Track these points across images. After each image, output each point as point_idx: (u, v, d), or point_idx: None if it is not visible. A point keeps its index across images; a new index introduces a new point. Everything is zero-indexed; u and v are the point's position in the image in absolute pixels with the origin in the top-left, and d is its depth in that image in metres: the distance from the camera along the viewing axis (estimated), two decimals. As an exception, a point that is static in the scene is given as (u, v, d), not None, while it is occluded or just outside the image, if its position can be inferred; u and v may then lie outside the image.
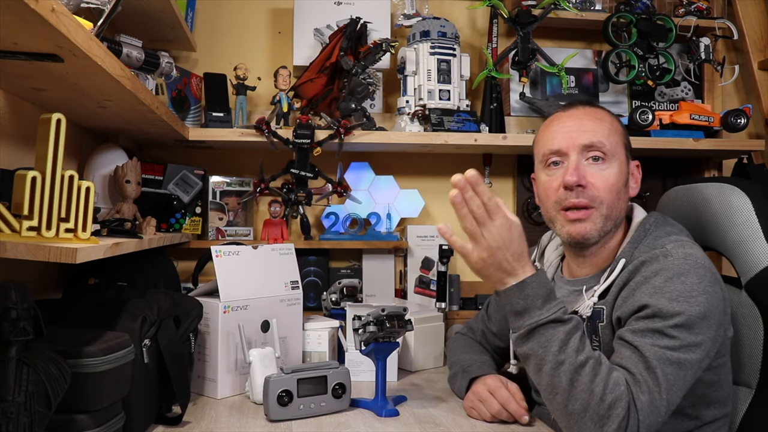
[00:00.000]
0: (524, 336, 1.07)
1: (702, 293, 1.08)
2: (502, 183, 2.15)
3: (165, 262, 1.63)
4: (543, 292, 1.07)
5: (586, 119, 1.26)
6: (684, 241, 1.17)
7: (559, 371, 1.03)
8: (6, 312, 0.81)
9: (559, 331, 1.05)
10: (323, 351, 1.60)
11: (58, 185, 0.92)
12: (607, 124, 1.25)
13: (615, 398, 1.01)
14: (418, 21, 1.95)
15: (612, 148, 1.23)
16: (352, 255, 2.05)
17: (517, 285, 1.07)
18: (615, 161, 1.23)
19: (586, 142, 1.22)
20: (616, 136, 1.25)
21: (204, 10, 2.03)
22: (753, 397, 1.29)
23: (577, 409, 1.02)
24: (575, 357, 1.03)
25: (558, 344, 1.04)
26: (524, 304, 1.07)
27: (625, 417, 1.00)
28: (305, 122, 1.78)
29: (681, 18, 2.06)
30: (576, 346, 1.04)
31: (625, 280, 1.16)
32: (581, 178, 1.20)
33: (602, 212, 1.21)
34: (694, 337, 1.06)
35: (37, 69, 0.99)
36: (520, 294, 1.07)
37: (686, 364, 1.05)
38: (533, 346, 1.06)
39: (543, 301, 1.07)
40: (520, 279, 1.07)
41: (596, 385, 1.01)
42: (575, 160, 1.22)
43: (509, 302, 1.09)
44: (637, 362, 1.05)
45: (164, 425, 1.22)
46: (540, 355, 1.05)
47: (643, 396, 1.02)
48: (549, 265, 1.37)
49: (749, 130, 2.14)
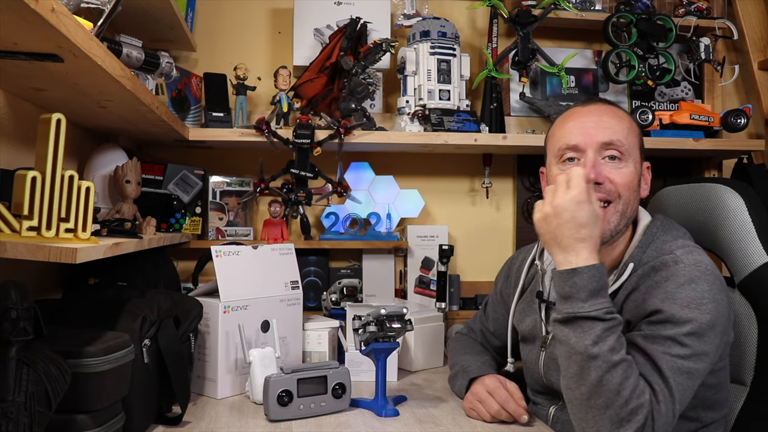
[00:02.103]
0: (562, 321, 1.07)
1: (711, 301, 1.09)
2: (502, 183, 2.15)
3: (165, 262, 1.63)
4: (592, 287, 1.05)
5: (606, 116, 1.24)
6: (691, 247, 1.18)
7: (590, 364, 1.02)
8: (6, 312, 0.81)
9: (597, 327, 1.03)
10: (323, 351, 1.60)
11: (58, 185, 0.92)
12: (626, 123, 1.25)
13: (638, 405, 1.01)
14: (418, 21, 1.95)
15: (629, 148, 1.22)
16: (352, 255, 2.05)
17: (569, 271, 1.07)
18: (631, 161, 1.23)
19: (605, 139, 1.21)
20: (633, 136, 1.25)
21: (204, 10, 2.03)
22: (747, 394, 1.31)
23: (599, 404, 1.02)
24: (610, 355, 1.02)
25: (593, 338, 1.03)
26: (569, 292, 1.06)
27: (643, 425, 1.00)
28: (305, 122, 1.78)
29: (681, 18, 2.05)
30: (612, 345, 1.03)
31: (635, 284, 1.16)
32: (599, 174, 1.20)
33: (618, 208, 1.21)
34: (703, 346, 1.07)
35: (37, 69, 0.99)
36: (568, 280, 1.06)
37: (695, 374, 1.06)
38: (569, 333, 1.05)
39: (588, 295, 1.05)
40: (573, 265, 1.06)
41: (624, 388, 1.01)
42: (592, 157, 1.21)
43: (558, 284, 1.08)
44: (651, 371, 1.06)
45: (164, 425, 1.22)
46: (573, 344, 1.04)
47: (662, 407, 1.03)
48: (549, 263, 1.36)
49: (749, 130, 2.14)
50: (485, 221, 2.15)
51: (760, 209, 1.33)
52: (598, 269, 1.07)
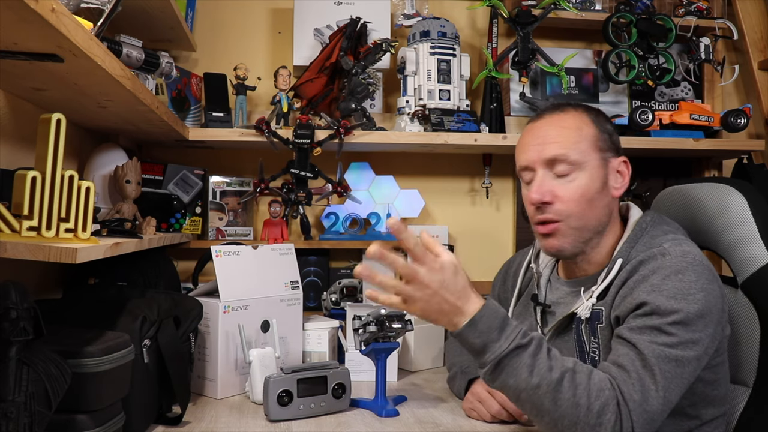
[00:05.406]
0: (491, 371, 1.03)
1: (700, 290, 1.07)
2: (502, 183, 2.15)
3: (165, 262, 1.62)
4: (496, 323, 1.02)
5: (552, 129, 1.21)
6: (681, 240, 1.17)
7: (537, 394, 1.00)
8: (6, 312, 0.81)
9: (523, 357, 1.01)
10: (323, 351, 1.60)
11: (58, 185, 0.92)
12: (573, 131, 1.21)
13: (602, 404, 0.99)
14: (418, 21, 1.95)
15: (579, 157, 1.18)
16: (352, 255, 2.05)
17: (468, 324, 1.01)
18: (584, 169, 1.19)
19: (549, 155, 1.19)
20: (584, 142, 1.20)
21: (204, 10, 2.03)
22: (750, 395, 1.29)
23: (567, 425, 1.00)
24: (549, 376, 1.00)
25: (527, 369, 1.00)
26: (481, 341, 1.02)
27: (616, 420, 0.99)
28: (305, 122, 1.78)
29: (681, 18, 2.06)
30: (547, 365, 1.01)
31: (623, 279, 1.15)
32: (545, 194, 1.18)
33: (572, 225, 1.19)
34: (692, 335, 1.05)
35: (37, 69, 0.99)
36: (474, 332, 1.02)
37: (684, 362, 1.04)
38: (504, 378, 1.02)
39: (498, 332, 1.01)
40: (468, 317, 1.01)
41: (579, 397, 0.99)
42: (541, 175, 1.20)
43: (466, 342, 1.03)
44: (633, 359, 1.04)
45: (164, 425, 1.22)
46: (512, 385, 1.02)
47: (635, 394, 1.01)
48: (545, 266, 1.36)
49: (749, 130, 2.14)
50: (485, 221, 2.15)
51: (763, 209, 1.32)
52: (491, 304, 1.03)
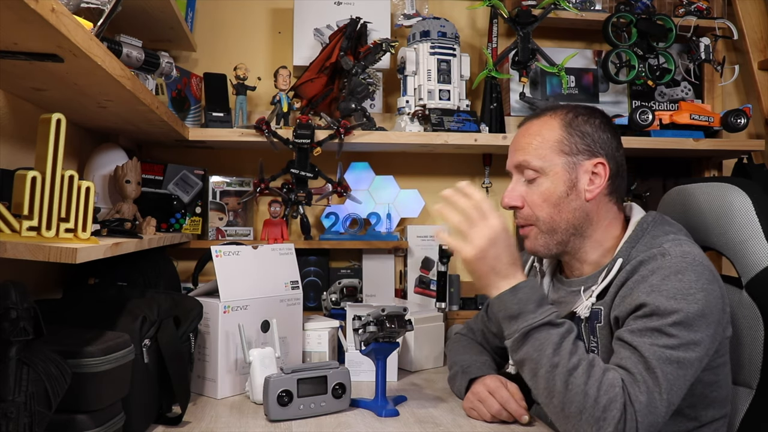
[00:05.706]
0: (519, 340, 1.09)
1: (700, 291, 1.08)
2: (502, 183, 2.14)
3: (165, 262, 1.62)
4: (536, 297, 1.10)
5: (522, 137, 1.27)
6: (682, 240, 1.17)
7: (554, 374, 1.04)
8: (6, 312, 0.81)
9: (552, 334, 1.07)
10: (323, 351, 1.60)
11: (58, 185, 0.92)
12: (538, 138, 1.23)
13: (609, 400, 1.01)
14: (418, 21, 1.95)
15: (540, 162, 1.21)
16: (352, 255, 2.05)
17: (511, 289, 1.11)
18: (548, 174, 1.21)
19: (516, 162, 1.26)
20: (546, 148, 1.21)
21: (204, 10, 2.03)
22: (753, 397, 1.29)
23: (573, 412, 1.03)
24: (569, 359, 1.04)
25: (552, 347, 1.06)
26: (518, 308, 1.10)
27: (621, 419, 1.00)
28: (305, 122, 1.78)
29: (681, 18, 2.06)
30: (570, 349, 1.06)
31: (623, 279, 1.16)
32: (513, 199, 1.25)
33: (542, 228, 1.23)
34: (693, 335, 1.06)
35: (37, 69, 0.99)
36: (513, 298, 1.10)
37: (686, 363, 1.05)
38: (528, 349, 1.08)
39: (536, 305, 1.10)
40: (513, 283, 1.11)
41: (590, 387, 1.02)
42: (514, 181, 1.27)
43: (503, 307, 1.12)
44: (636, 362, 1.05)
45: (164, 425, 1.22)
46: (535, 358, 1.07)
47: (641, 396, 1.02)
48: (547, 266, 1.36)
49: (749, 130, 2.14)
50: (485, 221, 2.14)
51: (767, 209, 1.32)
52: (534, 281, 1.14)
